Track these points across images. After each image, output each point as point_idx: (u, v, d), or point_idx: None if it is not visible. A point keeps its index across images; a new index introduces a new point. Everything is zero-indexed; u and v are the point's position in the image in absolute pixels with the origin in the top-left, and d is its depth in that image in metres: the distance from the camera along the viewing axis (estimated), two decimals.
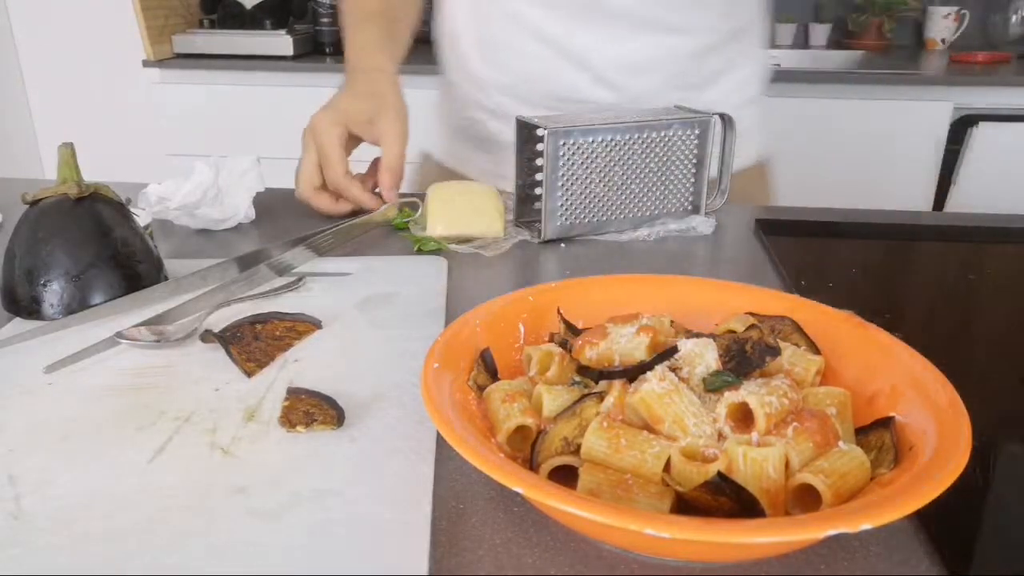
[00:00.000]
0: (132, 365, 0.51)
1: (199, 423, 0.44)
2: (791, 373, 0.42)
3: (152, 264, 0.62)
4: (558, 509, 0.31)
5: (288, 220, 0.80)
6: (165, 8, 2.32)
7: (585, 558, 0.35)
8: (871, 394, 0.41)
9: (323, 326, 0.56)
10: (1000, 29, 2.42)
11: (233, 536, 0.35)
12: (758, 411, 0.36)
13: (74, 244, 0.57)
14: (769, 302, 0.49)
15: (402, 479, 0.39)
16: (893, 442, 0.37)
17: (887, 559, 0.35)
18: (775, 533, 0.30)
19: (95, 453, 0.42)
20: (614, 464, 0.36)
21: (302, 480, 0.39)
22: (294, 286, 0.63)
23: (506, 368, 0.45)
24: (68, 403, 0.46)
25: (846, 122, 2.04)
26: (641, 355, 0.41)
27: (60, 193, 0.59)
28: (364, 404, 0.46)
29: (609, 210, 0.75)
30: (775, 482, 0.34)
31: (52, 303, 0.57)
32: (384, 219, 0.76)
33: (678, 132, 0.74)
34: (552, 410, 0.40)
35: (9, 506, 0.37)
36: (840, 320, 0.46)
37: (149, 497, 0.38)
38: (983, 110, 1.98)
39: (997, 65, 2.17)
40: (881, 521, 0.29)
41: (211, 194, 0.75)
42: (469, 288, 0.64)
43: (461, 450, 0.33)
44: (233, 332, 0.54)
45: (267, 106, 2.26)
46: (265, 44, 2.24)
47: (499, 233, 0.74)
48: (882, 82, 1.99)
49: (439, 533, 0.36)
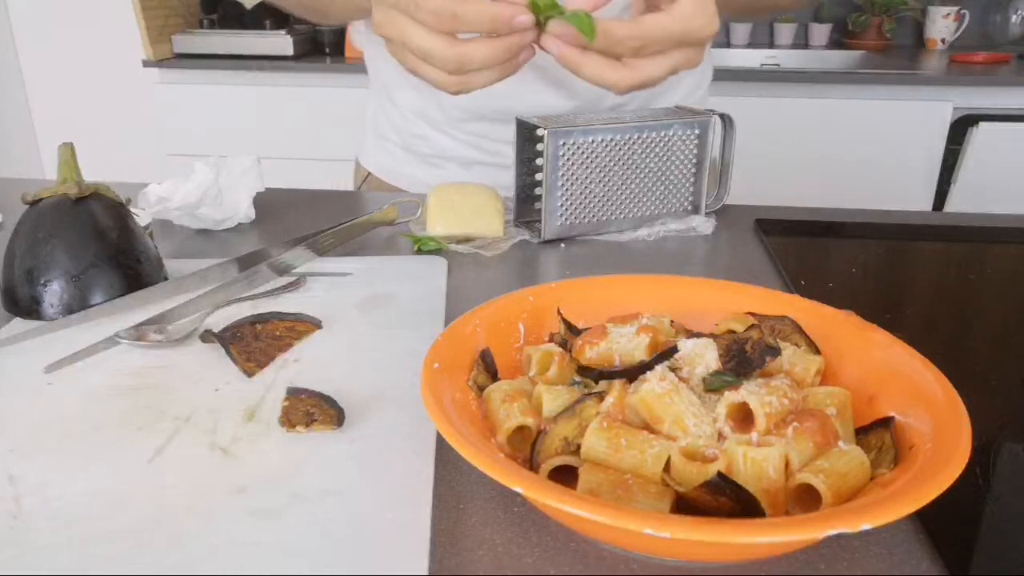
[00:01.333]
0: (132, 365, 0.51)
1: (199, 423, 0.44)
2: (791, 373, 0.42)
3: (152, 264, 0.62)
4: (558, 509, 0.31)
5: (288, 220, 0.80)
6: (165, 8, 2.32)
7: (585, 558, 0.35)
8: (871, 394, 0.41)
9: (323, 326, 0.56)
10: (1000, 29, 2.42)
11: (233, 536, 0.35)
12: (758, 411, 0.36)
13: (74, 244, 0.57)
14: (769, 302, 0.49)
15: (402, 479, 0.39)
16: (893, 442, 0.37)
17: (887, 559, 0.35)
18: (775, 533, 0.30)
19: (95, 453, 0.42)
20: (614, 464, 0.36)
21: (302, 480, 0.39)
22: (294, 286, 0.63)
23: (506, 368, 0.45)
24: (68, 403, 0.46)
25: (846, 122, 2.04)
26: (641, 355, 0.41)
27: (60, 193, 0.59)
28: (364, 404, 0.46)
29: (609, 210, 0.75)
30: (775, 482, 0.34)
31: (52, 303, 0.57)
32: (384, 219, 0.76)
33: (678, 132, 0.74)
34: (552, 410, 0.40)
35: (9, 506, 0.37)
36: (840, 320, 0.46)
37: (149, 497, 0.38)
38: (983, 110, 1.98)
39: (997, 65, 2.17)
40: (881, 521, 0.29)
41: (211, 194, 0.75)
42: (469, 288, 0.64)
43: (461, 450, 0.33)
44: (233, 332, 0.54)
45: (267, 106, 2.26)
46: (265, 44, 2.24)
47: (499, 233, 0.74)
48: (882, 82, 1.99)
49: (439, 533, 0.36)
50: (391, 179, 0.99)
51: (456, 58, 0.51)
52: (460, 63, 0.52)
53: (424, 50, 0.52)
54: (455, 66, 0.52)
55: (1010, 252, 0.77)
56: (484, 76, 0.54)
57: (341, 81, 2.19)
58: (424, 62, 0.53)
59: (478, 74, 0.53)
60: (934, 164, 2.04)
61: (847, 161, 2.06)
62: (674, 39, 0.54)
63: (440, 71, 0.53)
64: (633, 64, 0.54)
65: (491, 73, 0.54)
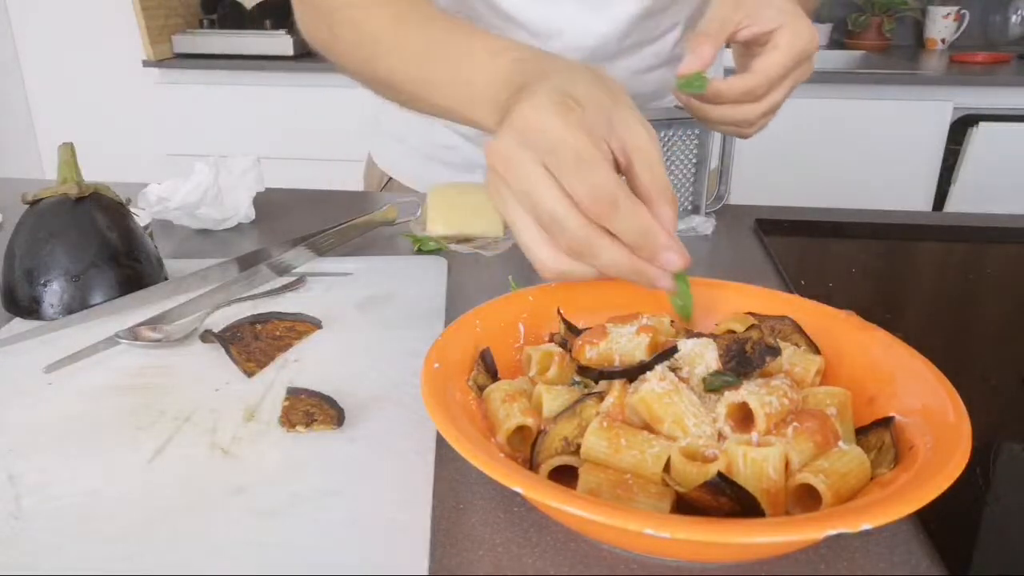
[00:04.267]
0: (132, 365, 0.51)
1: (199, 423, 0.44)
2: (791, 373, 0.42)
3: (152, 264, 0.62)
4: (558, 509, 0.31)
5: (288, 220, 0.80)
6: (165, 8, 2.32)
7: (585, 558, 0.35)
8: (871, 394, 0.41)
9: (323, 326, 0.56)
10: (1000, 29, 2.42)
11: (233, 536, 0.35)
12: (758, 411, 0.36)
13: (74, 244, 0.57)
14: (769, 302, 0.49)
15: (402, 479, 0.39)
16: (893, 442, 0.37)
17: (887, 559, 0.35)
18: (775, 533, 0.30)
19: (95, 453, 0.42)
20: (614, 464, 0.36)
21: (302, 480, 0.39)
22: (294, 286, 0.63)
23: (506, 368, 0.45)
24: (68, 403, 0.46)
25: (846, 122, 2.04)
26: (641, 355, 0.41)
27: (60, 193, 0.59)
28: (364, 404, 0.46)
29: None
30: (775, 482, 0.34)
31: (52, 303, 0.57)
32: (384, 219, 0.76)
33: (678, 132, 0.74)
34: (552, 410, 0.40)
35: (9, 506, 0.37)
36: (840, 320, 0.46)
37: (149, 497, 0.38)
38: (983, 110, 1.98)
39: (997, 65, 2.17)
40: (881, 521, 0.29)
41: (211, 194, 0.75)
42: (469, 288, 0.64)
43: (461, 450, 0.33)
44: (233, 332, 0.54)
45: (267, 106, 2.26)
46: (265, 44, 2.24)
47: (499, 233, 0.74)
48: (882, 82, 1.99)
49: (439, 533, 0.36)
50: (415, 184, 0.95)
51: (585, 241, 0.41)
52: (583, 251, 0.42)
53: (553, 215, 0.41)
54: (577, 249, 0.42)
55: (1010, 252, 0.77)
56: (586, 273, 0.44)
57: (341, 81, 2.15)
58: (533, 221, 0.43)
59: (584, 270, 0.43)
60: (934, 164, 2.04)
61: (847, 161, 2.06)
62: (790, 68, 0.58)
63: (547, 245, 0.43)
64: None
65: (592, 273, 0.44)
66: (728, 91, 0.58)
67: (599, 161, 0.41)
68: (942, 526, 0.37)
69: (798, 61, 0.58)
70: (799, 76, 0.60)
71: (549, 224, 0.42)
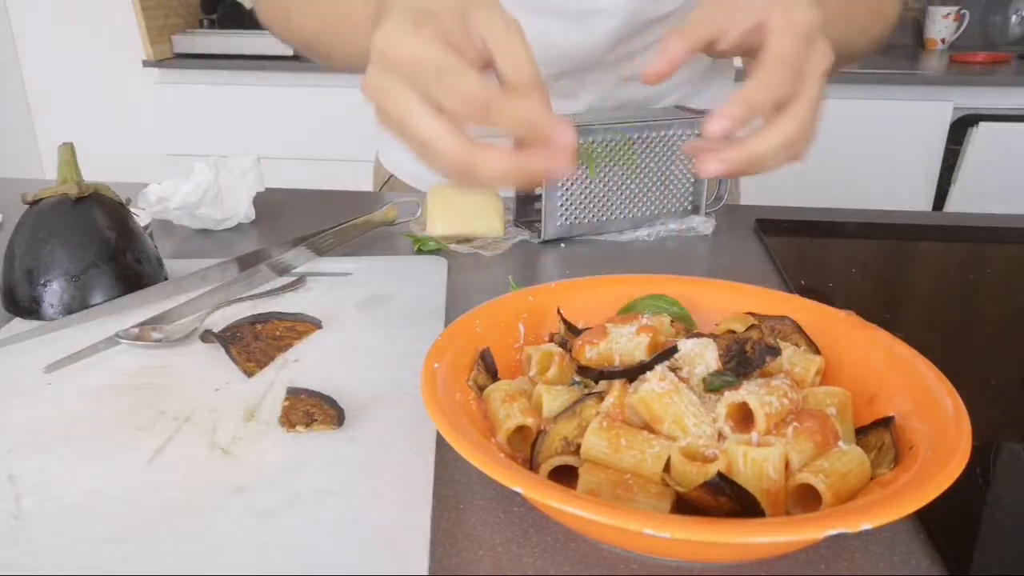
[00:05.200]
0: (132, 365, 0.51)
1: (199, 423, 0.44)
2: (791, 373, 0.42)
3: (152, 264, 0.62)
4: (558, 509, 0.31)
5: (288, 220, 0.80)
6: (165, 8, 2.32)
7: (585, 558, 0.35)
8: (871, 394, 0.41)
9: (323, 326, 0.56)
10: (1000, 29, 2.41)
11: (233, 536, 0.35)
12: (758, 411, 0.36)
13: (74, 244, 0.57)
14: (769, 302, 0.49)
15: (402, 479, 0.39)
16: (893, 442, 0.37)
17: (887, 559, 0.35)
18: (775, 533, 0.30)
19: (95, 453, 0.42)
20: (614, 464, 0.36)
21: (302, 480, 0.39)
22: (294, 286, 0.63)
23: (506, 368, 0.45)
24: (68, 403, 0.46)
25: (846, 122, 2.04)
26: (641, 355, 0.41)
27: (60, 193, 0.59)
28: (364, 404, 0.46)
29: (609, 210, 0.75)
30: (775, 482, 0.34)
31: (52, 303, 0.57)
32: (384, 219, 0.76)
33: (678, 132, 0.74)
34: (552, 410, 0.40)
35: (9, 506, 0.37)
36: (840, 320, 0.46)
37: (149, 497, 0.38)
38: (983, 110, 1.98)
39: (997, 65, 2.17)
40: (881, 521, 0.29)
41: (211, 194, 0.75)
42: (469, 288, 0.64)
43: (461, 450, 0.33)
44: (233, 332, 0.54)
45: (267, 106, 2.26)
46: (265, 44, 2.24)
47: (499, 233, 0.74)
48: (882, 82, 1.99)
49: (439, 533, 0.36)
50: (416, 183, 0.95)
51: (462, 161, 0.41)
52: (463, 172, 0.42)
53: (425, 140, 0.41)
54: (457, 171, 0.42)
55: (1010, 252, 0.77)
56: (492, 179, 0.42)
57: (341, 81, 2.18)
58: (420, 144, 0.42)
59: (484, 174, 0.42)
60: (934, 164, 2.04)
61: (847, 161, 2.06)
62: (799, 49, 0.50)
63: (437, 160, 0.42)
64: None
65: (501, 180, 0.43)
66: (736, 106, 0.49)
67: (460, 68, 0.40)
68: (942, 526, 0.37)
69: (806, 40, 0.50)
70: (818, 61, 0.51)
71: (422, 152, 0.42)
